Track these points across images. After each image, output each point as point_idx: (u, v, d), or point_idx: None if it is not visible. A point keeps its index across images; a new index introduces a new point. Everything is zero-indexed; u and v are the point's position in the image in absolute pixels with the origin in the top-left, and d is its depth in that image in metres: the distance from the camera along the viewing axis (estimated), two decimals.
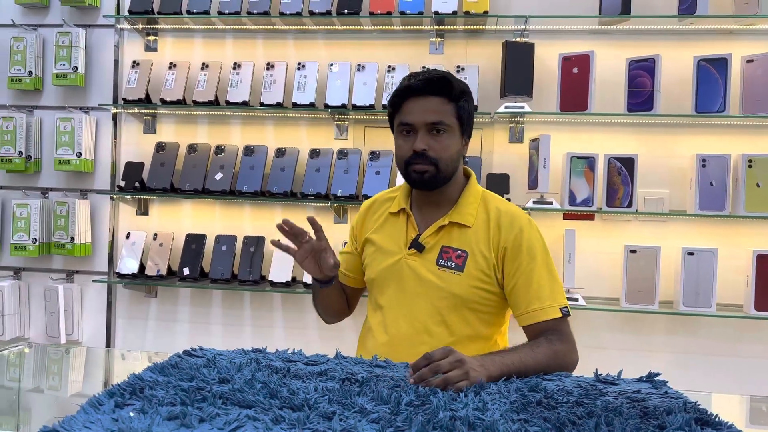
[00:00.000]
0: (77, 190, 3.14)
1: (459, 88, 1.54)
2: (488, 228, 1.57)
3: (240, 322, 3.06)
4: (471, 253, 1.56)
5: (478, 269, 1.55)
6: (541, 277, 1.51)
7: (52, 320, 3.05)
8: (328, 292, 1.82)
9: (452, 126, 1.53)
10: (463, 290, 1.55)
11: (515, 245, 1.53)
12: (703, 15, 2.59)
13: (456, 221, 1.57)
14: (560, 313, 1.50)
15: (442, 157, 1.52)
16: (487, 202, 1.60)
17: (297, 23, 2.94)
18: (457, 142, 1.55)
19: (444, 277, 1.56)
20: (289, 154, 2.92)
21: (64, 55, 3.06)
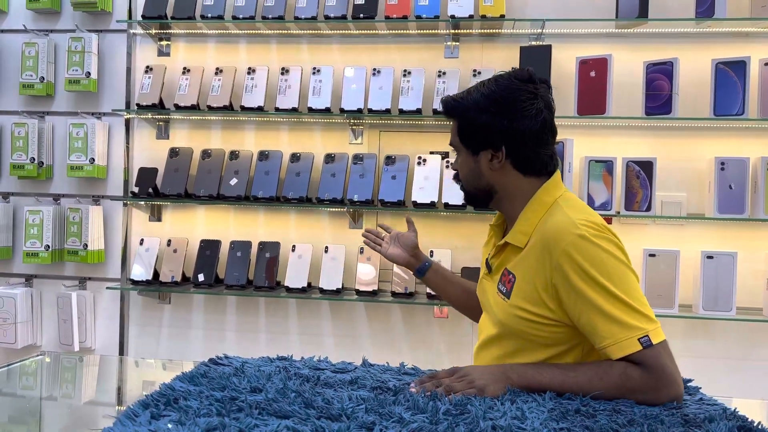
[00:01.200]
0: (90, 197, 3.12)
1: (452, 107, 1.47)
2: (536, 250, 1.38)
3: (255, 328, 3.04)
4: (518, 278, 1.41)
5: (523, 297, 1.39)
6: (605, 306, 1.28)
7: (65, 327, 3.03)
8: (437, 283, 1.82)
9: (457, 146, 1.48)
10: (509, 319, 1.42)
11: (562, 274, 1.32)
12: (720, 18, 2.58)
13: (509, 242, 1.44)
14: (640, 345, 1.26)
15: (461, 177, 1.51)
16: (550, 214, 1.40)
17: (311, 27, 2.93)
18: (466, 161, 1.47)
19: (498, 302, 1.47)
20: (304, 159, 2.91)
21: (76, 60, 3.05)
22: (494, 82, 1.43)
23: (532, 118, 1.40)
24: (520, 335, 1.41)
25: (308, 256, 2.89)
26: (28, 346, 3.12)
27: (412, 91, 2.80)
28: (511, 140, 1.41)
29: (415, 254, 1.81)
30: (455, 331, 2.90)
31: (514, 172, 1.44)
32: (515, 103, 1.40)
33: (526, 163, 1.44)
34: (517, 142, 1.41)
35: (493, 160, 1.43)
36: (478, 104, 1.42)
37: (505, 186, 1.45)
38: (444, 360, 2.90)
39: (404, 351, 2.93)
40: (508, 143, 1.41)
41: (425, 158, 2.83)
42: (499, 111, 1.40)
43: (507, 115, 1.40)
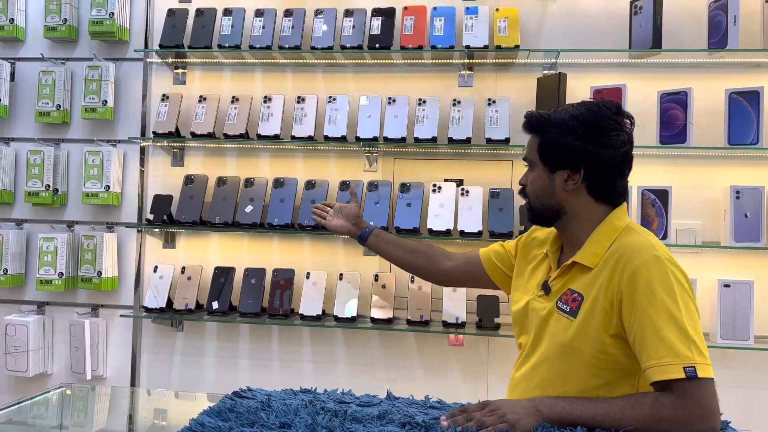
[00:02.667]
0: (104, 224, 3.13)
1: (536, 122, 1.48)
2: (610, 270, 1.37)
3: (268, 356, 3.02)
4: (587, 298, 1.39)
5: (592, 317, 1.37)
6: (660, 327, 1.27)
7: (77, 355, 3.01)
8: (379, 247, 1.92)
9: (534, 161, 1.49)
10: (571, 339, 1.40)
11: (630, 288, 1.32)
12: (733, 49, 2.61)
13: (579, 261, 1.44)
14: (683, 374, 1.23)
15: (529, 192, 1.52)
16: (623, 239, 1.41)
17: (327, 57, 2.96)
18: (540, 177, 1.48)
19: (557, 322, 1.45)
20: (318, 187, 2.92)
21: (93, 88, 3.08)
22: (583, 106, 1.46)
23: (616, 148, 1.42)
24: (577, 356, 1.40)
25: (323, 283, 2.89)
26: (40, 375, 3.10)
27: (428, 119, 2.83)
28: (591, 165, 1.43)
29: (357, 223, 1.96)
30: (470, 359, 2.88)
31: (587, 197, 1.46)
32: (602, 130, 1.42)
33: (601, 190, 1.45)
34: (596, 168, 1.43)
35: (568, 180, 1.45)
36: (566, 124, 1.44)
37: (575, 208, 1.47)
38: (459, 389, 2.88)
39: (419, 379, 2.91)
40: (587, 167, 1.43)
41: (440, 186, 2.84)
42: (585, 134, 1.42)
43: (593, 140, 1.42)
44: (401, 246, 1.90)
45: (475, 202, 2.80)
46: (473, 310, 2.79)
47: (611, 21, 2.85)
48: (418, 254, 1.87)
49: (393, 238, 1.93)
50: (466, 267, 1.81)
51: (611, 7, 2.86)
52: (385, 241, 1.92)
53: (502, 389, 2.82)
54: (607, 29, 2.85)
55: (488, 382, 2.88)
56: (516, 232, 2.77)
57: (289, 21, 2.95)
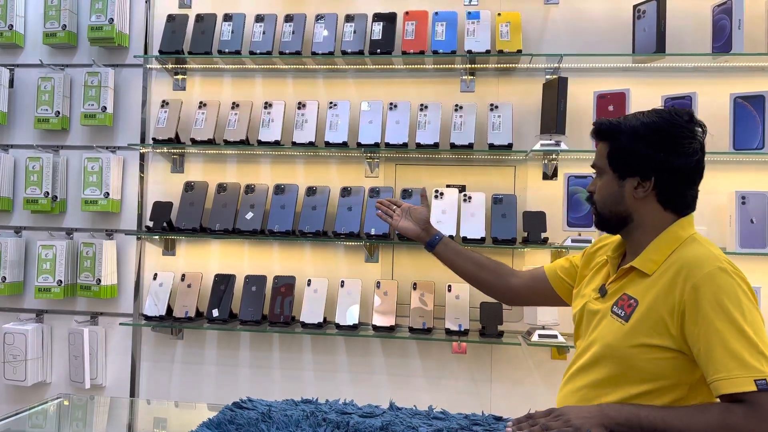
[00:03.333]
0: (103, 231, 3.10)
1: (606, 129, 1.48)
2: (670, 279, 1.36)
3: (269, 364, 2.99)
4: (641, 304, 1.39)
5: (644, 323, 1.37)
6: (729, 339, 1.26)
7: (76, 364, 2.98)
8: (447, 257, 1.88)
9: (603, 168, 1.49)
10: (620, 343, 1.39)
11: (695, 301, 1.31)
12: (737, 53, 2.59)
13: (636, 267, 1.44)
14: (754, 386, 1.22)
15: (597, 199, 1.51)
16: (684, 247, 1.40)
17: (328, 62, 2.94)
18: (609, 184, 1.47)
19: (610, 326, 1.44)
20: (320, 193, 2.89)
21: (92, 95, 3.06)
22: (655, 113, 1.45)
23: (688, 156, 1.41)
24: (626, 361, 1.39)
25: (324, 290, 2.86)
26: (38, 384, 3.07)
27: (429, 125, 2.80)
28: (662, 173, 1.42)
29: (426, 228, 1.92)
30: (473, 367, 2.85)
31: (656, 205, 1.45)
32: (675, 139, 1.41)
33: (670, 199, 1.44)
34: (667, 177, 1.42)
35: (638, 188, 1.44)
36: (637, 131, 1.43)
37: (643, 216, 1.46)
38: (462, 397, 2.85)
39: (421, 388, 2.88)
40: (658, 175, 1.42)
41: (442, 192, 2.82)
42: (657, 142, 1.41)
43: (665, 148, 1.41)
44: (470, 259, 1.87)
45: (478, 209, 2.77)
46: (476, 318, 2.76)
47: (614, 25, 2.83)
48: (487, 270, 1.85)
49: (462, 249, 1.90)
50: (532, 284, 1.80)
51: (614, 11, 2.84)
52: (454, 252, 1.89)
53: (506, 398, 2.80)
54: (611, 33, 2.83)
55: (492, 391, 2.84)
56: (519, 238, 2.74)
57: (290, 26, 2.93)
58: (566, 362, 2.78)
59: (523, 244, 2.72)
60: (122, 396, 3.02)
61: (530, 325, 2.73)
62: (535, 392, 2.81)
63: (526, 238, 2.72)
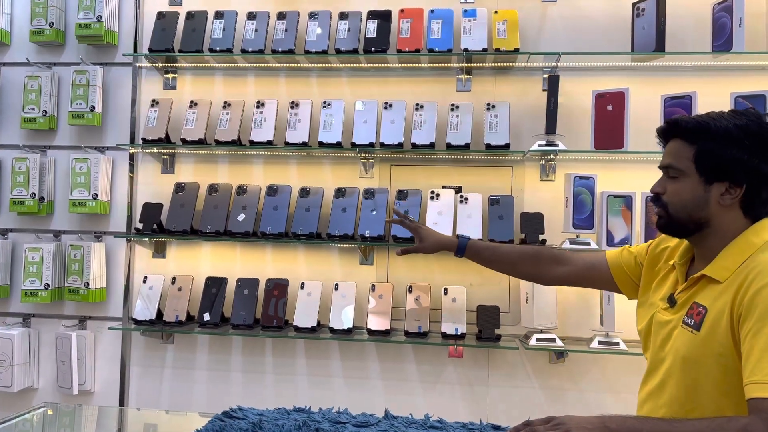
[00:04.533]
0: (92, 233, 3.03)
1: (693, 128, 1.38)
2: (737, 283, 1.32)
3: (261, 369, 2.92)
4: (710, 311, 1.34)
5: (717, 331, 1.32)
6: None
7: (64, 369, 2.91)
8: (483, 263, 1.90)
9: (685, 170, 1.39)
10: (694, 353, 1.34)
11: (753, 303, 1.26)
12: (738, 52, 2.54)
13: (708, 274, 1.38)
14: None
15: (671, 202, 1.42)
16: (759, 253, 1.34)
17: (321, 61, 2.89)
18: (692, 188, 1.38)
19: (681, 336, 1.38)
20: (313, 194, 2.84)
21: (80, 94, 2.99)
22: (744, 115, 1.37)
23: None
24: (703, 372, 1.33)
25: (318, 293, 2.80)
26: (25, 390, 2.99)
27: (425, 124, 2.75)
28: (753, 179, 1.35)
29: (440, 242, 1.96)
30: (470, 371, 2.80)
31: (738, 211, 1.39)
32: (766, 144, 1.35)
33: (755, 205, 1.38)
34: (758, 183, 1.36)
35: (726, 194, 1.37)
36: (730, 134, 1.35)
37: (721, 222, 1.39)
38: (459, 402, 2.79)
39: (417, 393, 2.83)
40: (749, 182, 1.35)
41: (438, 193, 2.77)
42: (753, 146, 1.34)
43: (759, 153, 1.34)
44: (502, 260, 1.88)
45: (475, 210, 2.72)
46: (473, 321, 2.71)
47: (613, 23, 2.79)
48: (524, 263, 1.84)
49: (492, 251, 1.90)
50: (586, 273, 1.75)
51: (613, 9, 2.79)
52: (484, 258, 1.90)
53: (502, 402, 2.75)
54: (609, 32, 2.79)
55: (488, 396, 2.79)
56: (516, 239, 2.69)
57: (283, 24, 2.87)
58: (564, 366, 2.74)
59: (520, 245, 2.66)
60: (111, 402, 2.96)
61: (528, 329, 2.69)
62: (533, 397, 2.76)
63: (523, 240, 2.67)
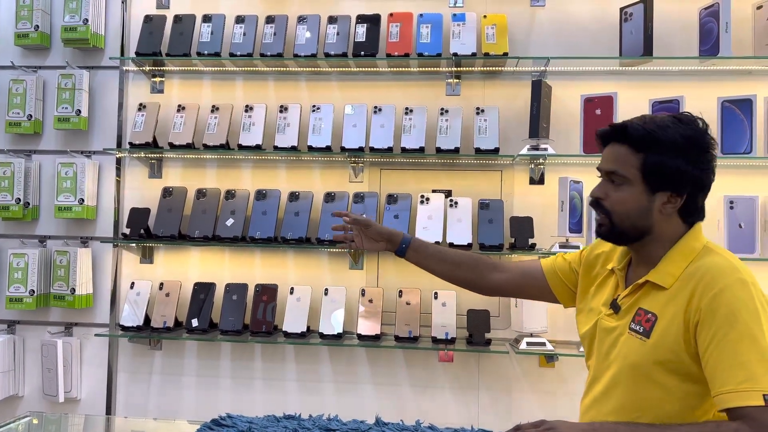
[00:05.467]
0: (78, 238, 3.00)
1: (643, 137, 1.35)
2: (689, 290, 1.32)
3: (250, 375, 2.90)
4: (660, 317, 1.33)
5: (666, 337, 1.31)
6: (740, 351, 1.21)
7: (50, 377, 2.87)
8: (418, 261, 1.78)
9: (631, 179, 1.36)
10: (643, 360, 1.33)
11: (710, 309, 1.26)
12: (725, 56, 2.56)
13: (652, 281, 1.38)
14: (761, 401, 1.17)
15: (615, 210, 1.39)
16: (701, 258, 1.35)
17: (310, 65, 2.87)
18: (637, 198, 1.37)
19: (629, 343, 1.37)
20: (303, 199, 2.82)
21: (66, 97, 2.95)
22: (687, 125, 1.37)
23: (713, 171, 1.38)
24: (652, 379, 1.33)
25: (307, 298, 2.78)
26: (9, 398, 2.95)
27: (415, 129, 2.75)
28: (694, 189, 1.37)
29: (389, 238, 1.79)
30: (461, 375, 2.79)
31: (678, 219, 1.40)
32: (707, 155, 1.37)
33: (692, 212, 1.39)
34: (696, 193, 1.38)
35: (667, 204, 1.37)
36: (677, 145, 1.34)
37: (663, 230, 1.39)
38: (449, 406, 2.79)
39: (408, 397, 2.82)
40: (690, 192, 1.36)
41: (428, 197, 2.76)
42: (696, 157, 1.35)
43: (700, 163, 1.35)
44: (444, 259, 1.77)
45: (464, 214, 2.72)
46: (463, 325, 2.71)
47: (601, 28, 2.80)
48: (464, 267, 1.75)
49: (434, 250, 1.80)
50: (522, 280, 1.71)
51: (601, 13, 2.81)
52: (425, 256, 1.78)
53: (493, 407, 2.75)
54: (598, 36, 2.80)
55: (479, 400, 2.79)
56: (506, 243, 2.69)
57: (271, 28, 2.86)
58: (554, 370, 2.74)
59: (510, 250, 2.67)
60: (98, 409, 2.92)
61: (518, 333, 2.68)
62: (523, 401, 2.76)
63: (513, 244, 2.67)
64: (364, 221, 1.78)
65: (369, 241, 1.79)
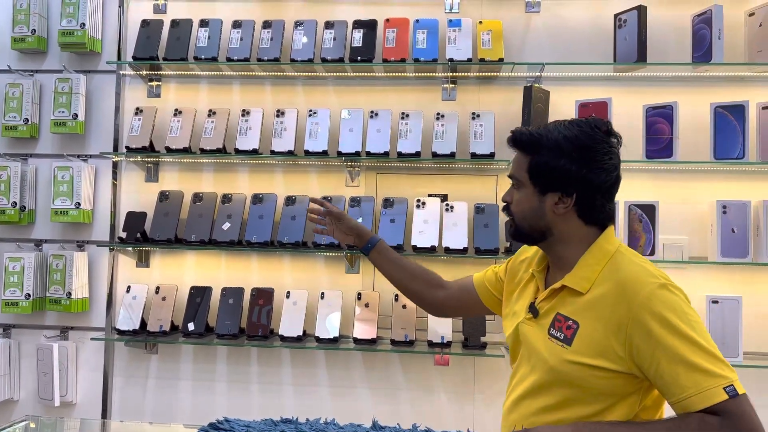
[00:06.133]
0: (74, 242, 3.00)
1: (526, 141, 1.42)
2: (607, 297, 1.34)
3: (247, 379, 2.90)
4: (582, 326, 1.35)
5: (589, 346, 1.33)
6: (687, 354, 1.24)
7: (45, 381, 2.87)
8: (381, 264, 1.81)
9: (523, 181, 1.43)
10: (563, 365, 1.35)
11: (642, 322, 1.28)
12: (717, 63, 2.59)
13: (568, 285, 1.39)
14: (725, 395, 1.21)
15: (515, 211, 1.47)
16: (614, 263, 1.37)
17: (307, 69, 2.89)
18: (529, 198, 1.42)
19: (550, 349, 1.39)
20: (299, 203, 2.83)
21: (63, 101, 2.96)
22: (576, 127, 1.40)
23: (608, 172, 1.39)
24: (575, 383, 1.35)
25: (303, 302, 2.79)
26: (5, 402, 2.94)
27: (411, 133, 2.76)
28: (583, 189, 1.39)
29: (358, 234, 1.83)
30: (456, 379, 2.80)
31: (577, 220, 1.42)
32: (596, 155, 1.38)
33: (591, 214, 1.42)
34: (589, 193, 1.40)
35: (559, 204, 1.40)
36: (560, 146, 1.38)
37: (563, 231, 1.43)
38: (445, 410, 2.80)
39: (404, 401, 2.83)
40: (579, 191, 1.39)
41: (424, 201, 2.78)
42: (580, 158, 1.38)
43: (587, 164, 1.38)
44: (403, 268, 1.79)
45: (460, 218, 2.73)
46: (459, 329, 2.72)
47: (596, 34, 2.83)
48: (419, 280, 1.78)
49: (396, 257, 1.82)
50: (460, 295, 1.75)
51: (596, 20, 2.83)
52: (387, 260, 1.80)
53: (489, 410, 2.76)
54: (592, 42, 2.83)
55: (475, 403, 2.80)
56: (502, 248, 2.71)
57: (268, 33, 2.87)
58: None
59: (505, 254, 2.68)
60: (93, 413, 2.92)
61: None
62: None
63: (508, 248, 2.68)
64: (337, 214, 1.84)
65: (340, 232, 1.85)
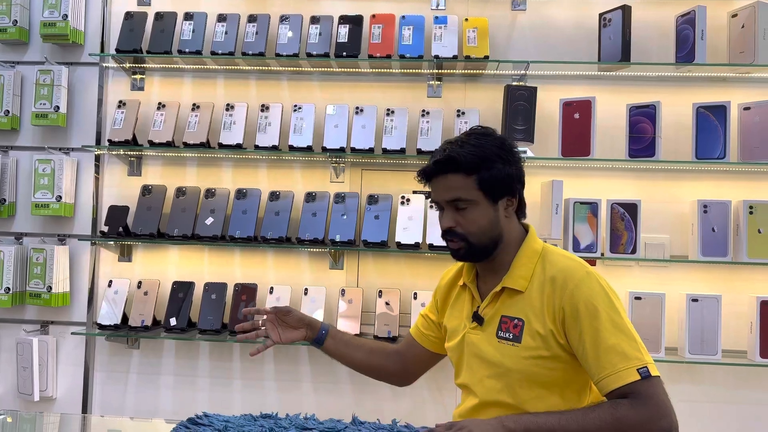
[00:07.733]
0: (55, 236, 2.97)
1: (472, 160, 1.44)
2: (543, 290, 1.44)
3: (229, 374, 2.90)
4: (527, 321, 1.44)
5: (535, 338, 1.43)
6: (608, 337, 1.35)
7: (25, 375, 2.84)
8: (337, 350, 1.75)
9: (476, 199, 1.46)
10: (519, 363, 1.44)
11: (572, 306, 1.39)
12: (700, 63, 2.61)
13: (508, 286, 1.48)
14: (638, 375, 1.32)
15: (470, 231, 1.48)
16: (545, 260, 1.48)
17: (292, 64, 2.88)
18: (485, 213, 1.47)
19: (502, 351, 1.46)
20: (283, 198, 2.82)
21: (44, 93, 2.92)
22: (491, 134, 1.51)
23: (521, 164, 1.53)
24: (534, 379, 1.43)
25: (287, 298, 2.78)
26: None
27: (396, 130, 2.76)
28: (520, 186, 1.52)
29: (309, 324, 1.75)
30: (438, 376, 2.81)
31: (515, 219, 1.54)
32: (514, 150, 1.52)
33: (522, 208, 1.55)
34: (520, 187, 1.53)
35: (508, 207, 1.51)
36: (498, 154, 1.46)
37: (508, 232, 1.52)
38: (428, 405, 2.81)
39: (386, 397, 2.83)
40: (519, 189, 1.51)
41: (409, 198, 2.78)
42: (511, 159, 1.49)
43: (515, 162, 1.50)
44: (361, 347, 1.76)
45: None
46: None
47: (581, 33, 2.84)
48: (376, 353, 1.76)
49: (350, 337, 1.80)
50: (411, 353, 1.76)
51: (581, 19, 2.85)
52: (344, 342, 1.75)
53: None
54: (577, 41, 2.84)
55: (456, 399, 2.80)
56: None
57: (253, 27, 2.85)
58: None
59: None
60: (74, 408, 2.90)
61: None
62: None
63: None
64: (284, 308, 1.74)
65: (287, 330, 1.74)
